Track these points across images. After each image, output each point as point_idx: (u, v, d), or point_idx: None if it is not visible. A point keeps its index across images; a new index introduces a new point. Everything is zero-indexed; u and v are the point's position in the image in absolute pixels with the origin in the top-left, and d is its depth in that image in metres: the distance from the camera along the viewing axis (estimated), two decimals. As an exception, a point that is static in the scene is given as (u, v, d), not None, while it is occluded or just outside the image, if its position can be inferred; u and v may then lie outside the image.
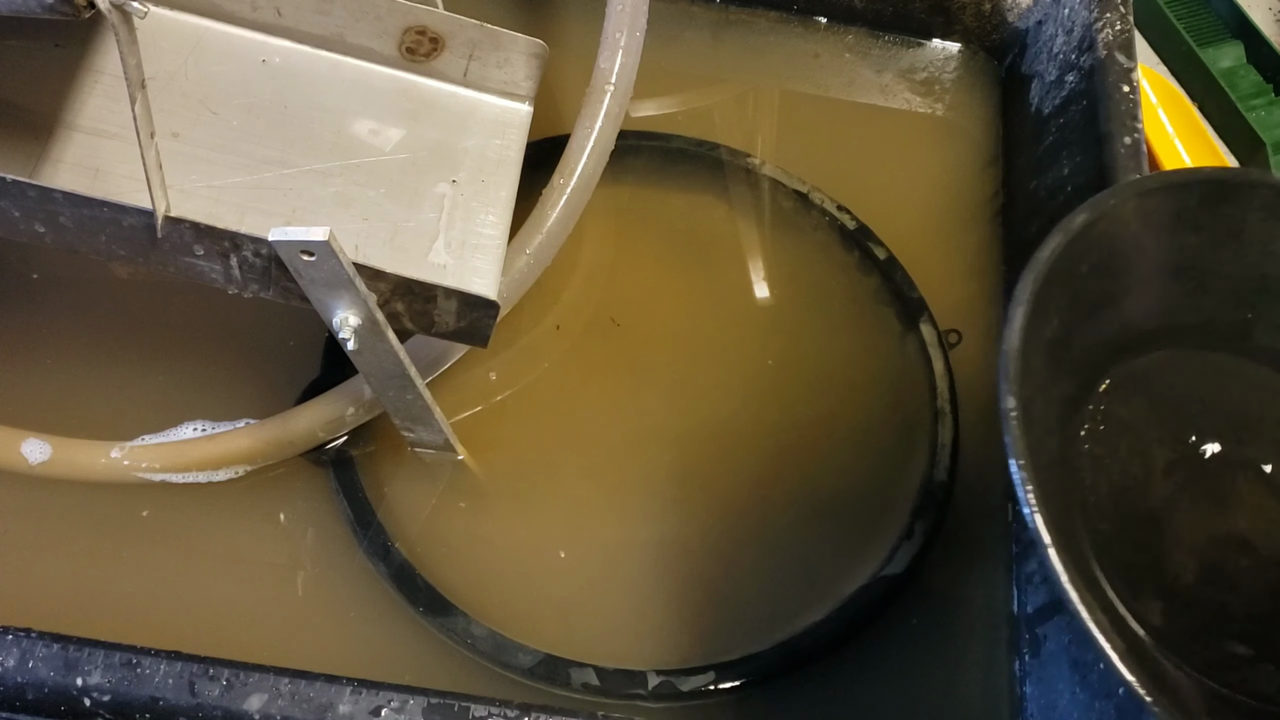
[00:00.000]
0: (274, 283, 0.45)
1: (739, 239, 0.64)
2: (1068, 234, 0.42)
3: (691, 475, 0.57)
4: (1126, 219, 0.44)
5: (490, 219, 0.52)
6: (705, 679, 0.50)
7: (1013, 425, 0.38)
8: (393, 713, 0.41)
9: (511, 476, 0.56)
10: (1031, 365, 0.41)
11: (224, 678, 0.41)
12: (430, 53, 0.54)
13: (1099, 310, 0.45)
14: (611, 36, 0.56)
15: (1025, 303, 0.40)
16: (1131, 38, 0.62)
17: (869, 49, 0.73)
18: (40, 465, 0.51)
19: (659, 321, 0.61)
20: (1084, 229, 0.43)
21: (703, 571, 0.54)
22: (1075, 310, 0.44)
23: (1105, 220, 0.44)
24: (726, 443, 0.58)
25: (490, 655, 0.50)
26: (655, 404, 0.58)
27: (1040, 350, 0.42)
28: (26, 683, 0.40)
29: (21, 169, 0.48)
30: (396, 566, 0.52)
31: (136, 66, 0.39)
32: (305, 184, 0.50)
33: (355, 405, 0.53)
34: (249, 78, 0.52)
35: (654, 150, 0.66)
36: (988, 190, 0.69)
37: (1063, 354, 0.44)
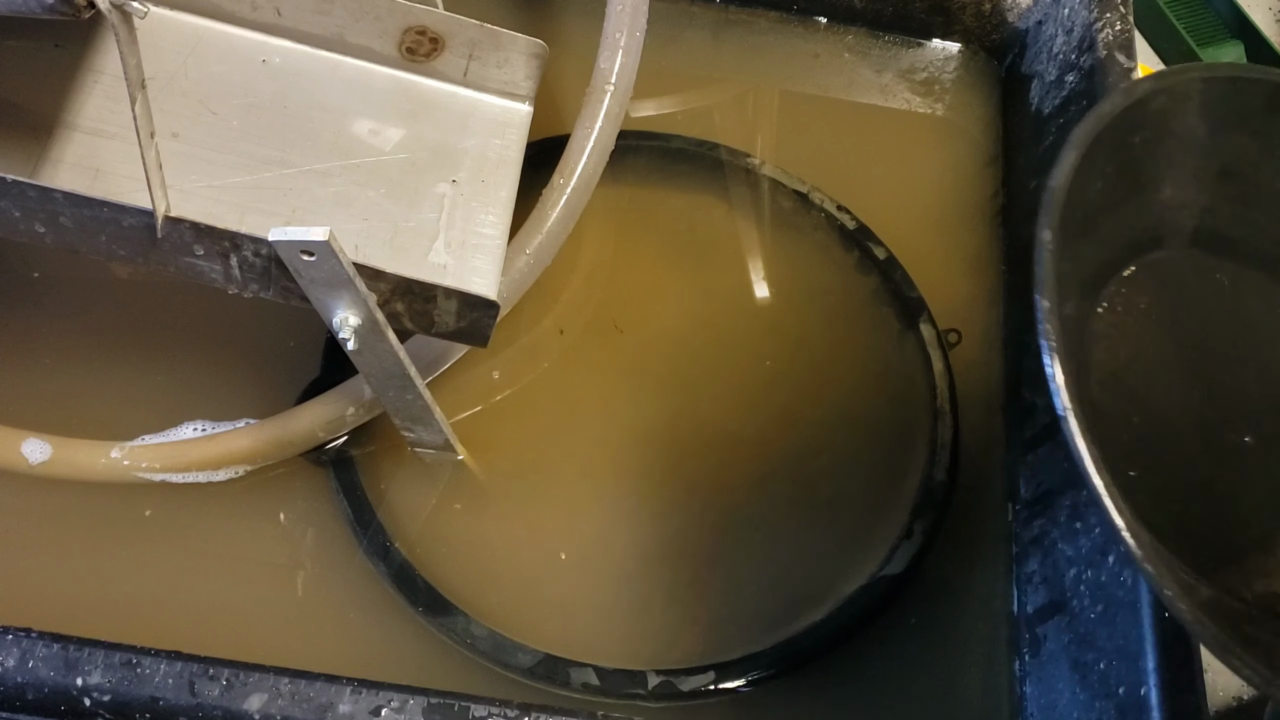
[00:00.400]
0: (274, 283, 0.45)
1: (739, 239, 0.64)
2: (1129, 96, 0.42)
3: (691, 475, 0.57)
4: (1188, 101, 0.44)
5: (490, 219, 0.52)
6: (705, 679, 0.50)
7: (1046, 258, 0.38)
8: (393, 713, 0.41)
9: (511, 476, 0.56)
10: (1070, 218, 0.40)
11: (224, 678, 0.41)
12: (430, 53, 0.54)
13: (1140, 191, 0.45)
14: (611, 36, 0.56)
15: (1078, 147, 0.40)
16: (1131, 38, 0.62)
17: (869, 49, 0.73)
18: (40, 465, 0.51)
19: (659, 321, 0.61)
20: (1145, 98, 0.42)
21: (703, 571, 0.54)
22: (1120, 180, 0.44)
23: (1167, 96, 0.43)
24: (726, 442, 0.58)
25: (490, 655, 0.50)
26: (655, 404, 0.58)
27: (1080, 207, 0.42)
28: (26, 683, 0.40)
29: (22, 169, 0.48)
30: (396, 566, 0.52)
31: (136, 66, 0.39)
32: (305, 184, 0.50)
33: (355, 405, 0.53)
34: (249, 78, 0.52)
35: (654, 150, 0.66)
36: (988, 190, 0.69)
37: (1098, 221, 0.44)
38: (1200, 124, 0.45)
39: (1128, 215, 0.45)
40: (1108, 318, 0.45)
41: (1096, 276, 0.45)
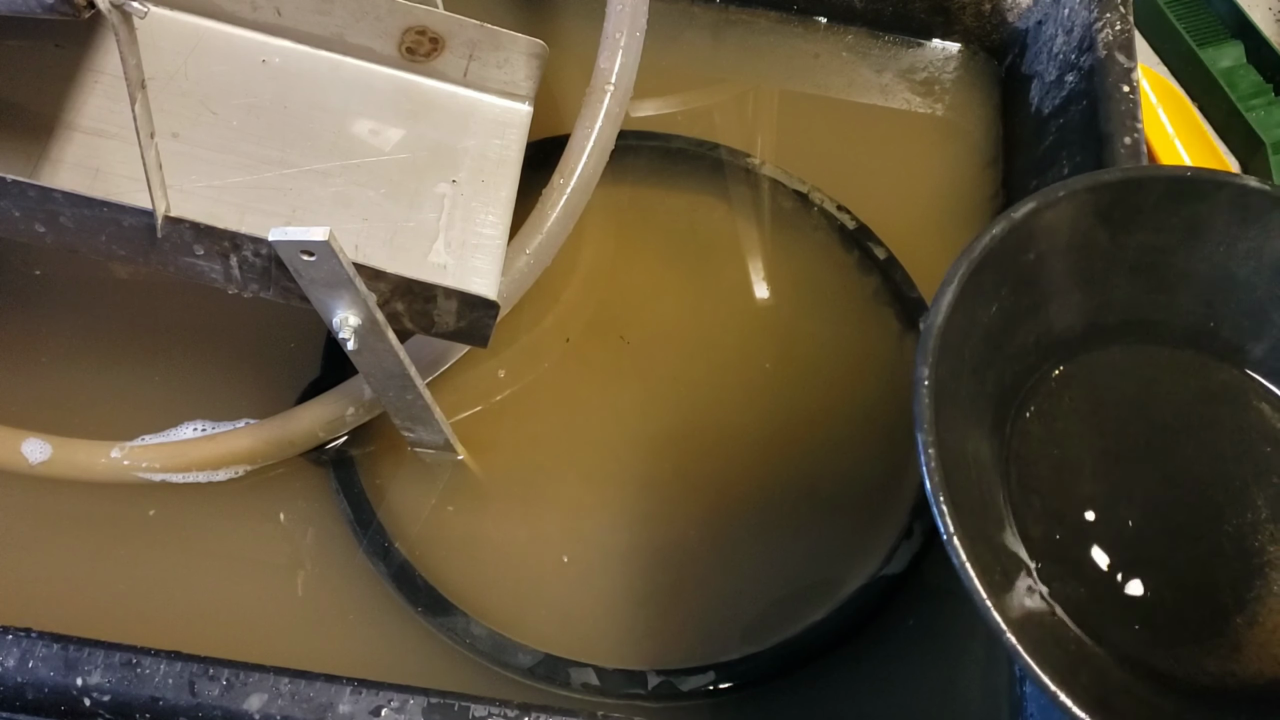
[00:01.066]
0: (274, 283, 0.45)
1: (739, 239, 0.64)
2: (1010, 223, 0.42)
3: (691, 475, 0.57)
4: (1078, 212, 0.44)
5: (490, 219, 0.52)
6: (705, 679, 0.50)
7: (922, 395, 0.38)
8: (393, 713, 0.41)
9: (511, 477, 0.56)
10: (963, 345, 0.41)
11: (224, 678, 0.41)
12: (430, 53, 0.54)
13: (1050, 301, 0.45)
14: (611, 36, 0.56)
15: (954, 284, 0.40)
16: (1131, 38, 0.62)
17: (869, 49, 0.73)
18: (40, 465, 0.51)
19: (659, 321, 0.61)
20: (1028, 218, 0.43)
21: (703, 571, 0.54)
22: (1021, 297, 0.44)
23: (1053, 211, 0.43)
24: (726, 442, 0.58)
25: (490, 655, 0.50)
26: (655, 403, 0.58)
27: (976, 331, 0.42)
28: (26, 683, 0.40)
29: (21, 169, 0.48)
30: (396, 566, 0.52)
31: (136, 66, 0.39)
32: (305, 184, 0.50)
33: (355, 405, 0.53)
34: (249, 78, 0.52)
35: (654, 150, 0.66)
36: (988, 190, 0.69)
37: (1004, 339, 0.44)
38: (1099, 229, 0.45)
39: (1039, 326, 0.45)
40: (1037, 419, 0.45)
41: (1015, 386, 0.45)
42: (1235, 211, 0.45)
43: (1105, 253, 0.45)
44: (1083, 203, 0.44)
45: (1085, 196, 0.44)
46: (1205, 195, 0.45)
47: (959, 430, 0.41)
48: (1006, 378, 0.45)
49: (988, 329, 0.43)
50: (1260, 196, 0.45)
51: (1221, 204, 0.45)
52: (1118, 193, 0.45)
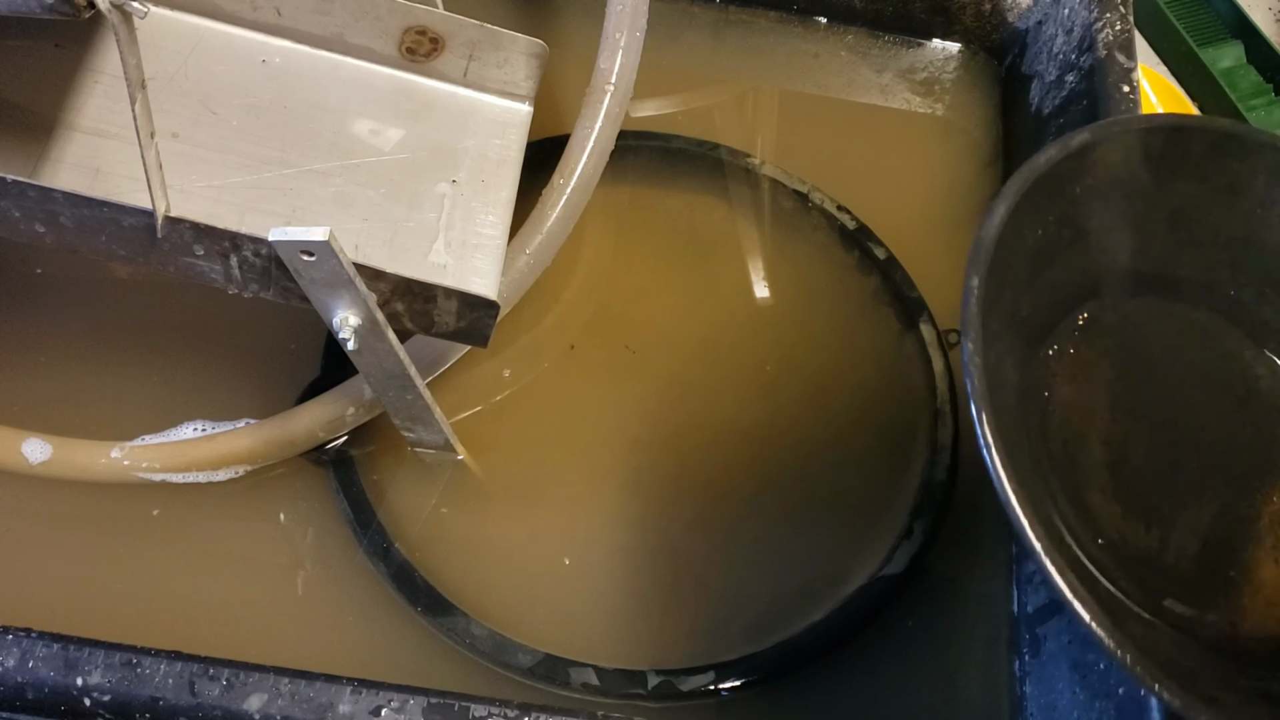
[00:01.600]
0: (274, 283, 0.45)
1: (739, 239, 0.64)
2: (1065, 149, 0.42)
3: (691, 475, 0.57)
4: (1129, 150, 0.44)
5: (490, 219, 0.52)
6: (705, 679, 0.50)
7: (971, 304, 0.38)
8: (393, 713, 0.41)
9: (511, 477, 0.56)
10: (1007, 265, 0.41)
11: (224, 678, 0.41)
12: (430, 53, 0.54)
13: (1086, 237, 0.45)
14: (611, 36, 0.56)
15: (1009, 197, 0.40)
16: (1131, 38, 0.62)
17: (869, 49, 0.73)
18: (40, 465, 0.51)
19: (659, 321, 0.61)
20: (1082, 149, 0.43)
21: (703, 571, 0.54)
22: (1065, 227, 0.44)
23: (1107, 146, 0.43)
24: (725, 442, 0.58)
25: (490, 655, 0.50)
26: (654, 403, 0.58)
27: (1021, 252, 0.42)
28: (26, 683, 0.40)
29: (21, 169, 0.48)
30: (396, 566, 0.52)
31: (136, 66, 0.39)
32: (305, 184, 0.50)
33: (355, 405, 0.53)
34: (249, 78, 0.52)
35: (654, 150, 0.66)
36: (988, 190, 0.69)
37: (1044, 267, 0.44)
38: (1145, 172, 0.45)
39: (1075, 261, 0.45)
40: (1059, 358, 0.46)
41: (1045, 322, 0.46)
42: (1274, 175, 0.45)
43: (1148, 197, 0.45)
44: (1134, 142, 0.44)
45: (1137, 136, 0.44)
46: (1250, 153, 0.45)
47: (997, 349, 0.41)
48: (1041, 308, 0.45)
49: (1031, 253, 0.43)
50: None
51: (1263, 166, 0.45)
52: (1168, 137, 0.45)
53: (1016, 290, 0.43)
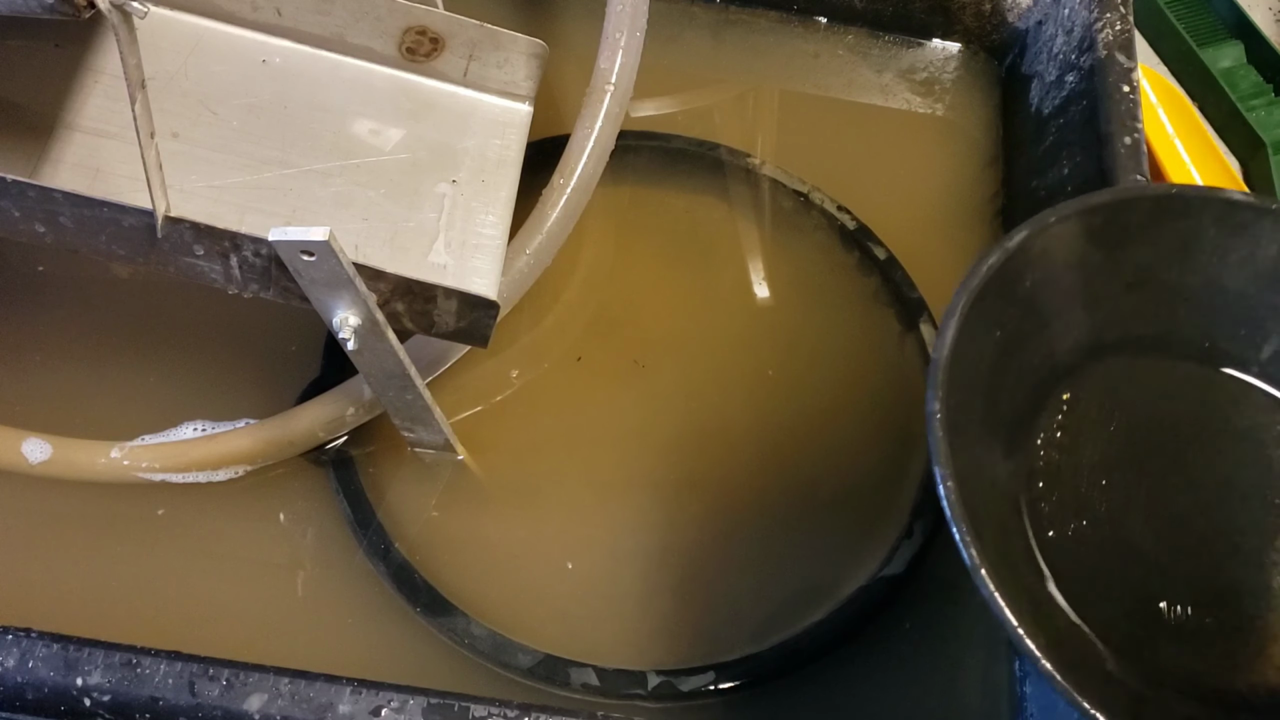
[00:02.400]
0: (274, 283, 0.45)
1: (739, 239, 0.64)
2: (1005, 252, 0.43)
3: (691, 475, 0.57)
4: (1071, 235, 0.45)
5: (490, 219, 0.52)
6: (705, 679, 0.50)
7: (935, 428, 0.39)
8: (393, 713, 0.41)
9: (511, 477, 0.56)
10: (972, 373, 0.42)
11: (224, 678, 0.41)
12: (430, 53, 0.54)
13: (1052, 323, 0.46)
14: (611, 36, 0.56)
15: (956, 315, 0.41)
16: (1131, 38, 0.62)
17: (869, 49, 0.73)
18: (40, 465, 0.51)
19: (659, 321, 0.61)
20: (1023, 244, 0.43)
21: (703, 571, 0.54)
22: (1024, 321, 0.45)
23: (1046, 236, 0.44)
24: (725, 442, 0.58)
25: (490, 655, 0.50)
26: (654, 404, 0.58)
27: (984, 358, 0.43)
28: (26, 683, 0.40)
29: (21, 169, 0.48)
30: (396, 566, 0.52)
31: (136, 66, 0.39)
32: (305, 184, 0.50)
33: (355, 405, 0.53)
34: (249, 78, 0.52)
35: (654, 150, 0.66)
36: (988, 190, 0.69)
37: (1011, 362, 0.45)
38: (1093, 250, 0.46)
39: (1043, 348, 0.46)
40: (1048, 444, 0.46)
41: (1027, 411, 0.46)
42: (1223, 224, 0.46)
43: (1101, 271, 0.46)
44: (1075, 226, 0.45)
45: (1076, 220, 0.45)
46: (1192, 211, 0.46)
47: (975, 455, 0.42)
48: (1019, 399, 0.45)
49: (995, 355, 0.44)
50: (1246, 209, 0.46)
51: (1209, 218, 0.46)
52: (1108, 214, 0.45)
53: (989, 394, 0.43)
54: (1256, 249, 0.46)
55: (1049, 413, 0.46)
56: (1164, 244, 0.46)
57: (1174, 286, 0.47)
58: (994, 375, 0.44)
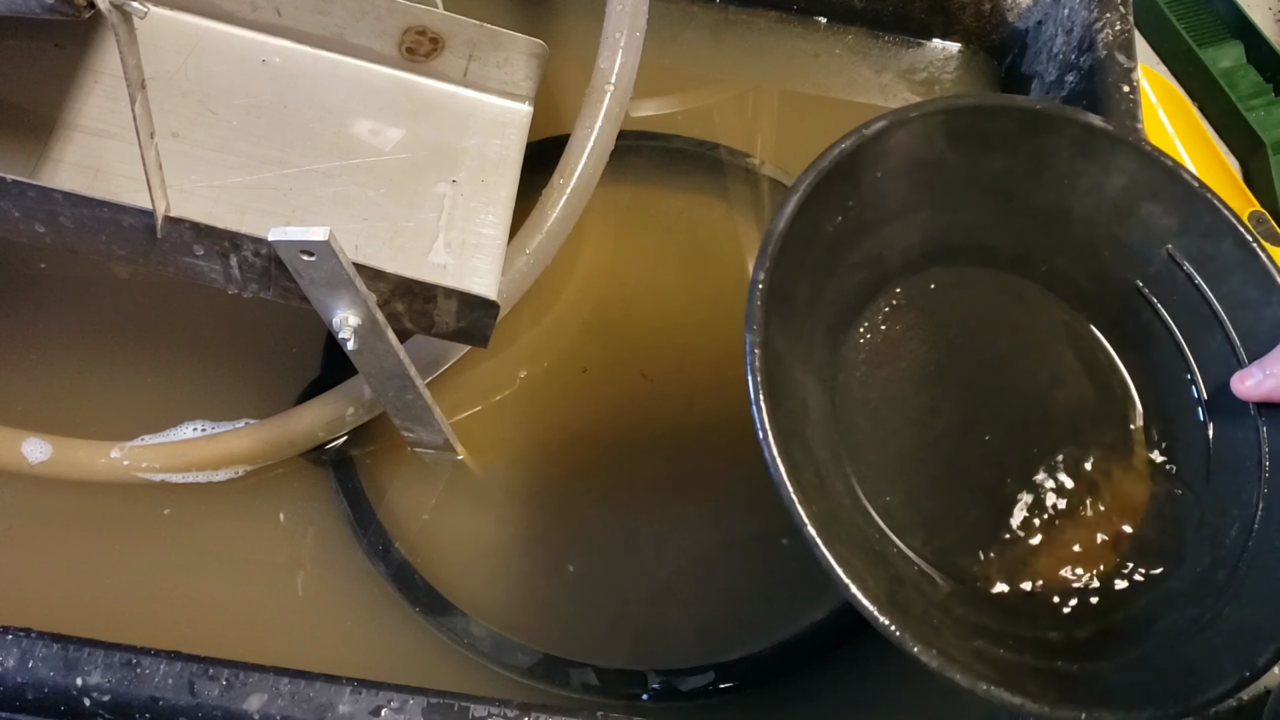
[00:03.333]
0: (274, 283, 0.45)
1: (739, 239, 0.64)
2: (860, 138, 0.43)
3: (690, 474, 0.57)
4: (931, 132, 0.45)
5: (490, 219, 0.52)
6: (705, 679, 0.50)
7: (755, 297, 0.39)
8: (393, 713, 0.41)
9: (511, 477, 0.56)
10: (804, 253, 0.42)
11: (224, 678, 0.41)
12: (430, 53, 0.54)
13: (894, 219, 0.46)
14: (611, 36, 0.56)
15: (798, 192, 0.41)
16: (1131, 38, 0.62)
17: (869, 49, 0.73)
18: (40, 465, 0.51)
19: (658, 321, 0.61)
20: (880, 134, 0.43)
21: (703, 571, 0.54)
22: (868, 210, 0.45)
23: (905, 130, 0.44)
24: (725, 442, 0.58)
25: (490, 655, 0.50)
26: (653, 403, 0.58)
27: (820, 240, 0.43)
28: (26, 683, 0.40)
29: (21, 169, 0.48)
30: (396, 566, 0.52)
31: (136, 66, 0.39)
32: (305, 184, 0.50)
33: (355, 405, 0.53)
34: (249, 78, 0.52)
35: (654, 150, 0.66)
36: (988, 190, 0.69)
37: (847, 250, 0.45)
38: (951, 152, 0.46)
39: (882, 243, 0.46)
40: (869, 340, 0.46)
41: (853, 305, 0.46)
42: (1079, 148, 0.46)
43: (955, 174, 0.46)
44: (936, 124, 0.45)
45: (939, 118, 0.45)
46: (1053, 128, 0.46)
47: (792, 334, 0.42)
48: (849, 288, 0.45)
49: (832, 239, 0.44)
50: (1103, 136, 0.46)
51: (1066, 139, 0.46)
52: (971, 118, 0.45)
53: (818, 277, 0.43)
54: (1106, 178, 0.46)
55: (873, 308, 0.46)
56: (1020, 158, 0.46)
57: (1022, 200, 0.47)
58: (828, 259, 0.44)
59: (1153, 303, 0.47)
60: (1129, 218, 0.47)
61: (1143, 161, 0.46)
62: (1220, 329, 0.45)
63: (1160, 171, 0.46)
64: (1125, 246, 0.47)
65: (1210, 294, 0.45)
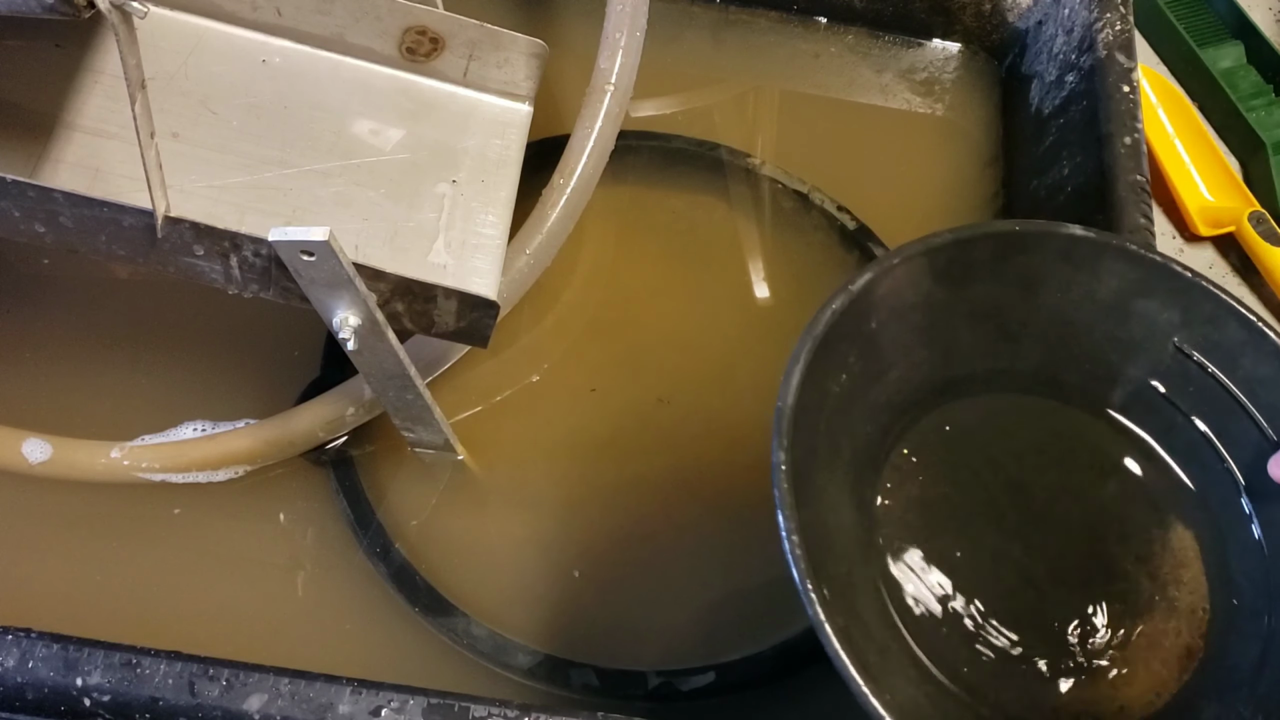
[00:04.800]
0: (274, 283, 0.45)
1: (739, 239, 0.64)
2: (849, 295, 0.42)
3: (691, 474, 0.57)
4: (916, 275, 0.45)
5: (490, 219, 0.52)
6: (705, 679, 0.50)
7: (781, 479, 0.38)
8: (393, 713, 0.41)
9: (512, 477, 0.56)
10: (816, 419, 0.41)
11: (224, 678, 0.41)
12: (430, 53, 0.54)
13: (898, 363, 0.46)
14: (611, 36, 0.56)
15: (800, 362, 0.40)
16: (1131, 38, 0.62)
17: (869, 49, 0.73)
18: (40, 465, 0.51)
19: (659, 321, 0.61)
20: (867, 288, 0.43)
21: (703, 571, 0.54)
22: (870, 362, 0.44)
23: (890, 278, 0.44)
24: (725, 442, 0.58)
25: (490, 655, 0.50)
26: (654, 404, 0.58)
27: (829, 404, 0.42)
28: (26, 683, 0.40)
29: (21, 169, 0.48)
30: (396, 566, 0.52)
31: (136, 66, 0.39)
32: (305, 184, 0.50)
33: (355, 405, 0.53)
34: (249, 78, 0.52)
35: (654, 150, 0.66)
36: (988, 190, 0.69)
37: (857, 406, 0.44)
38: (937, 289, 0.45)
39: (888, 389, 0.46)
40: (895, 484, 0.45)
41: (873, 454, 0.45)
42: (1065, 259, 0.46)
43: (946, 310, 0.46)
44: (918, 266, 0.45)
45: (920, 261, 0.45)
46: (1034, 247, 0.46)
47: (824, 502, 0.41)
48: (861, 443, 0.45)
49: (840, 399, 0.43)
50: (1087, 244, 0.46)
51: (1051, 253, 0.46)
52: (951, 253, 0.45)
53: (834, 440, 0.43)
54: (1097, 283, 0.46)
55: (894, 455, 0.46)
56: (1008, 280, 0.46)
57: (1020, 321, 0.47)
58: (840, 420, 0.43)
59: (1171, 399, 0.46)
60: (1129, 318, 0.46)
61: (1131, 261, 0.46)
62: (1244, 413, 0.45)
63: (1150, 268, 0.45)
64: (1132, 347, 0.46)
65: (1225, 380, 0.45)
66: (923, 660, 0.41)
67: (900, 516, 0.44)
